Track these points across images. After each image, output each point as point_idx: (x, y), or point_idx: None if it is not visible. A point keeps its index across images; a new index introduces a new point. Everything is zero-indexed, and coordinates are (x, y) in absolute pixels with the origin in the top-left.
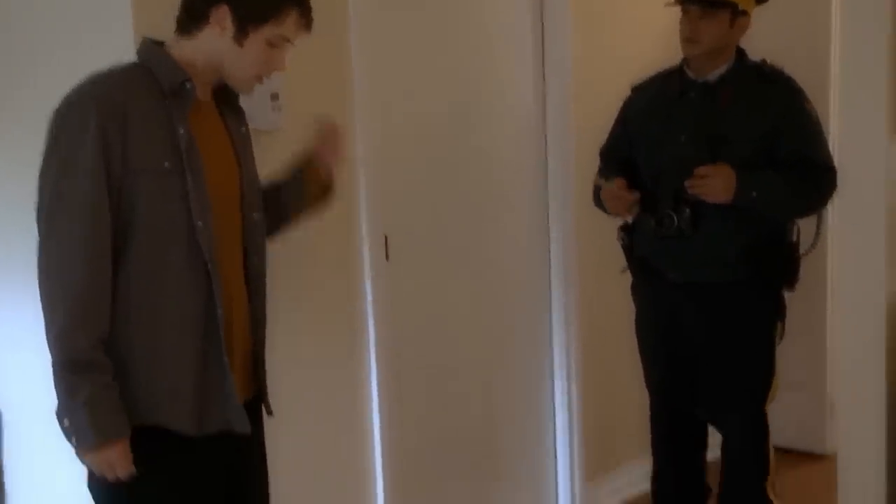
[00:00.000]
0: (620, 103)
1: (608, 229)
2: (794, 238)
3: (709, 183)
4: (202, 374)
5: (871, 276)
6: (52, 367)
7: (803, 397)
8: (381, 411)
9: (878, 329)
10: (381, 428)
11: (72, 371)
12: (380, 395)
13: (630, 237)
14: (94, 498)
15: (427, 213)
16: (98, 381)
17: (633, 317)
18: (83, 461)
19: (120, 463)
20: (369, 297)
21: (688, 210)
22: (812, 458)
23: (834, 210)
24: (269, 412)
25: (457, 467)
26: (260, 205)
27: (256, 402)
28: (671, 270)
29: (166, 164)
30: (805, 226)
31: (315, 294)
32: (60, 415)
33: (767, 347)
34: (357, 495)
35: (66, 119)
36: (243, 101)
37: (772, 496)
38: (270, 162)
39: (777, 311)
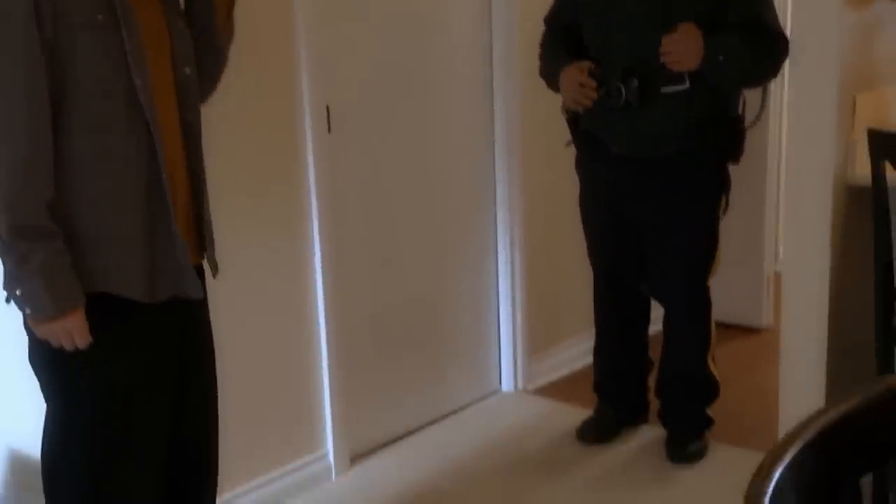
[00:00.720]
0: None
1: (553, 102)
2: (740, 111)
3: (680, 49)
4: (151, 240)
5: (821, 146)
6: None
7: (741, 272)
8: (324, 282)
9: (825, 200)
10: (325, 299)
11: (22, 237)
12: (323, 267)
13: (575, 110)
14: (39, 372)
15: (370, 83)
16: (49, 247)
17: (577, 191)
18: (35, 331)
19: (78, 332)
20: (311, 169)
21: (636, 81)
22: (748, 332)
23: (787, 80)
24: (215, 271)
25: (400, 340)
26: (191, 59)
27: (200, 265)
28: (616, 144)
29: (100, 17)
30: (748, 99)
31: (256, 166)
32: (11, 284)
33: (711, 221)
34: (301, 366)
35: None
36: None
37: (712, 368)
38: None
39: (722, 185)
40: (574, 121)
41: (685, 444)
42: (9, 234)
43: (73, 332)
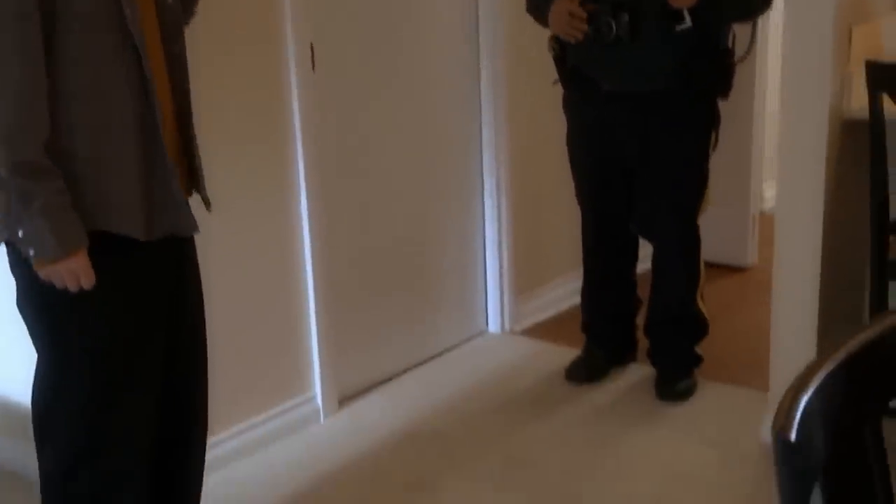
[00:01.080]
0: None
1: (539, 41)
2: (730, 44)
3: None
4: (148, 176)
5: (816, 78)
6: None
7: (726, 211)
8: (310, 223)
9: (820, 134)
10: (311, 240)
11: (21, 174)
12: (309, 208)
13: (562, 47)
14: (30, 316)
15: (354, 21)
16: (50, 187)
17: (564, 131)
18: (39, 273)
19: (84, 272)
20: (296, 109)
21: (626, 16)
22: (734, 271)
23: (774, 15)
24: (208, 206)
25: (386, 282)
26: None
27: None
28: (605, 80)
29: None
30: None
31: (240, 106)
32: (12, 225)
33: (702, 157)
34: (289, 309)
35: None
36: None
37: (701, 307)
38: None
39: (712, 120)
40: (561, 59)
41: (674, 382)
42: (8, 170)
43: (79, 272)
